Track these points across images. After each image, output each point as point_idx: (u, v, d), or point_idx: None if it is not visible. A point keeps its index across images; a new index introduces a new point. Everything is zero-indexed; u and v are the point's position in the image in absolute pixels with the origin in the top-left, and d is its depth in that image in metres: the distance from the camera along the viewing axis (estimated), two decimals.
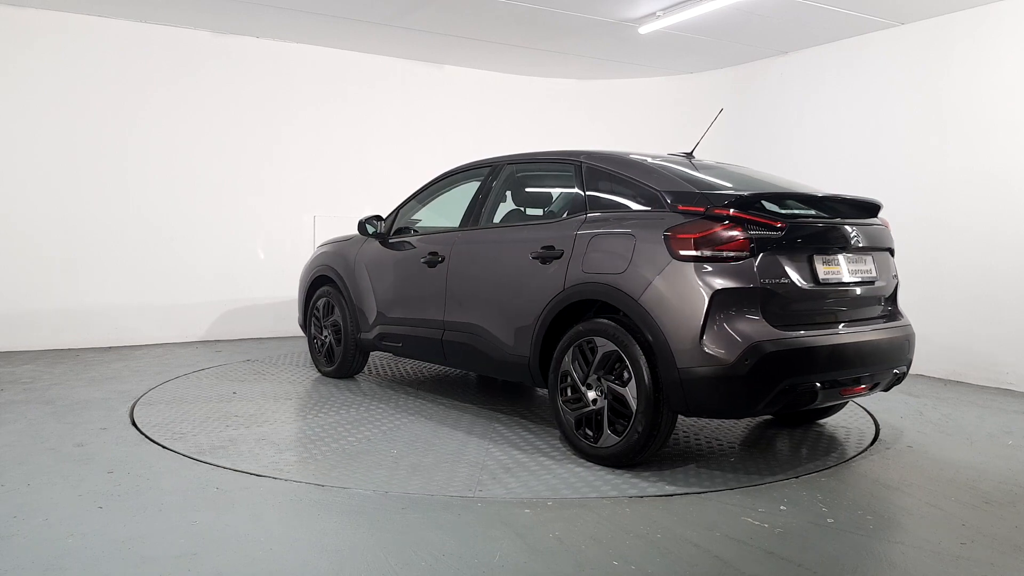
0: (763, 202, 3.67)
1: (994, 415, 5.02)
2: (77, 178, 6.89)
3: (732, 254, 3.44)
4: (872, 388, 3.88)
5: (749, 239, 3.47)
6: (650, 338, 3.50)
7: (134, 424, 4.41)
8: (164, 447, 3.97)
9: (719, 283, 3.40)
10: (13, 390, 5.22)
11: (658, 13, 6.35)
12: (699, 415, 3.56)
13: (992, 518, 3.20)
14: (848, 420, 4.76)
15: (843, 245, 3.82)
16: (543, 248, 4.07)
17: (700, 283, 3.41)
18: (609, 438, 3.68)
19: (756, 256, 3.47)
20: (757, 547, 2.86)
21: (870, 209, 4.07)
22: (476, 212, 4.72)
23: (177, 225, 7.33)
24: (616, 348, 3.64)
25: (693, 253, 3.45)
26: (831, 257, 3.75)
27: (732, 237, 3.46)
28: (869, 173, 6.70)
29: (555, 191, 4.72)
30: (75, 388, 5.30)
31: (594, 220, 3.94)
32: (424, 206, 5.38)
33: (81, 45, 6.83)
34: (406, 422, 4.54)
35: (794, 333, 3.48)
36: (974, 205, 6.02)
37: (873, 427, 4.61)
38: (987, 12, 5.93)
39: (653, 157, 4.24)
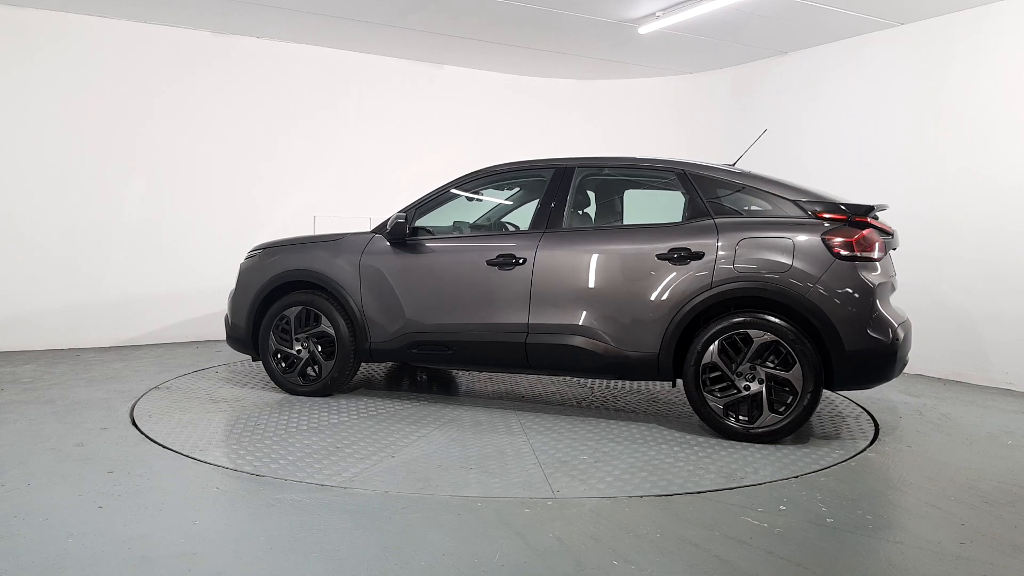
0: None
1: (994, 415, 5.03)
2: (77, 178, 6.88)
3: (876, 255, 4.13)
4: None
5: (884, 242, 4.21)
6: (818, 326, 4.05)
7: (134, 424, 4.41)
8: (164, 447, 3.97)
9: (876, 278, 4.12)
10: (13, 390, 5.23)
11: (658, 13, 6.35)
12: (854, 388, 4.26)
13: (992, 518, 3.21)
14: (848, 420, 4.77)
15: (895, 246, 4.53)
16: (673, 249, 4.34)
17: (865, 279, 4.06)
18: (770, 418, 4.15)
19: (885, 255, 4.22)
20: (757, 547, 2.87)
21: None
22: (556, 215, 4.72)
23: (178, 225, 7.33)
24: (776, 338, 4.10)
25: (851, 253, 4.06)
26: (893, 255, 4.58)
27: (877, 240, 4.15)
28: (869, 173, 6.71)
29: (654, 197, 4.99)
30: (75, 388, 5.30)
31: (731, 225, 4.32)
32: (452, 207, 5.12)
33: (82, 45, 6.83)
34: (434, 417, 4.56)
35: (899, 318, 4.27)
36: (973, 205, 6.02)
37: (873, 427, 4.61)
38: (987, 12, 5.93)
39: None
